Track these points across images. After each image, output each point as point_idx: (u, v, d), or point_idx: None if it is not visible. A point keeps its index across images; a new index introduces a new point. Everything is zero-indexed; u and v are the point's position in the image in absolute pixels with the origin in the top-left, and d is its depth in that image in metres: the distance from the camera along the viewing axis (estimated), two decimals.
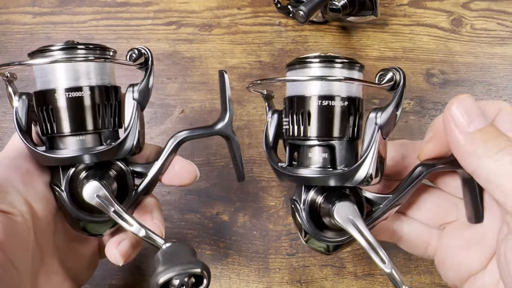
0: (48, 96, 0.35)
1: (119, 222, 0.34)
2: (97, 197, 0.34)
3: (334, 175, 0.35)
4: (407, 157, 0.38)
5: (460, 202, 0.38)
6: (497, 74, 0.57)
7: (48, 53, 0.36)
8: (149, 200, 0.40)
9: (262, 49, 0.58)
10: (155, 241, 0.33)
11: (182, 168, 0.39)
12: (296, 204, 0.37)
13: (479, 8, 0.60)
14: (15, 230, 0.33)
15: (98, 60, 0.36)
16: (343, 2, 0.54)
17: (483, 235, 0.36)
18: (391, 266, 0.32)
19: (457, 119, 0.32)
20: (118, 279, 0.51)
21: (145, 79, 0.38)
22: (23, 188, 0.35)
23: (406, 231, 0.39)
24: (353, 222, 0.34)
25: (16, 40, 0.58)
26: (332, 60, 0.35)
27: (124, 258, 0.37)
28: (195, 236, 0.52)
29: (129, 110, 0.38)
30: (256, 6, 0.60)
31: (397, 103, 0.34)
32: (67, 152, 0.36)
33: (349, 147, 0.36)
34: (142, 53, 0.38)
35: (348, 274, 0.51)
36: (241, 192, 0.54)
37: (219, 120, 0.40)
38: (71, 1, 0.60)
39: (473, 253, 0.36)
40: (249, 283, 0.51)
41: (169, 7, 0.60)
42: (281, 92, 0.40)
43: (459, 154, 0.32)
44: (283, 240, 0.52)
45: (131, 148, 0.37)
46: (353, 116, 0.35)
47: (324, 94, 0.35)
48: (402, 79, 0.34)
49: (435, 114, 0.56)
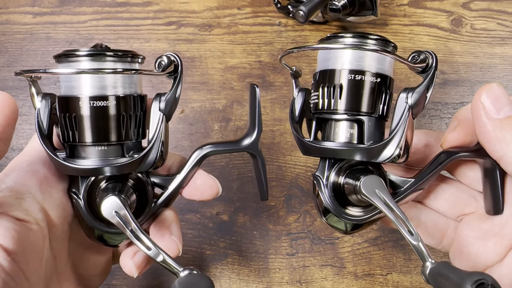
0: (71, 103, 0.34)
1: (136, 243, 0.32)
2: (115, 213, 0.33)
3: (361, 150, 0.34)
4: (430, 145, 0.38)
5: (479, 195, 0.38)
6: (497, 74, 0.57)
7: (75, 59, 0.34)
8: (168, 213, 0.38)
9: (262, 49, 0.58)
10: (172, 267, 0.32)
11: (204, 184, 0.38)
12: (319, 180, 0.36)
13: (479, 8, 0.60)
14: (29, 239, 0.32)
15: (126, 72, 0.35)
16: (343, 2, 0.54)
17: (501, 227, 0.36)
18: (418, 239, 0.32)
19: (487, 106, 0.32)
20: (118, 279, 0.51)
21: (173, 89, 0.36)
22: (40, 195, 0.34)
23: (423, 219, 0.39)
24: (380, 195, 0.33)
25: (16, 40, 0.58)
26: (365, 36, 0.35)
27: (139, 270, 0.37)
28: (195, 236, 0.52)
29: (154, 121, 0.36)
30: (256, 6, 0.60)
31: (427, 85, 0.35)
32: (88, 163, 0.34)
33: (378, 125, 0.35)
34: (172, 60, 0.36)
35: (348, 274, 0.51)
36: (241, 192, 0.54)
37: (246, 135, 0.38)
38: (71, 1, 0.60)
39: (490, 244, 0.36)
40: (249, 283, 0.51)
41: (169, 7, 0.59)
42: (282, 91, 0.40)
43: (486, 141, 0.33)
44: (283, 240, 0.52)
45: (154, 161, 0.35)
46: (384, 94, 0.35)
47: (356, 69, 0.34)
48: (434, 62, 0.35)
49: (435, 114, 0.56)
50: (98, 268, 0.41)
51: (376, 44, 0.35)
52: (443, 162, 0.36)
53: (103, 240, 0.37)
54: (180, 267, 0.31)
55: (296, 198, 0.54)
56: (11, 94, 0.57)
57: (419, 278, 0.51)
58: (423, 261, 0.31)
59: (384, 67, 0.35)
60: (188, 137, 0.55)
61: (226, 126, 0.55)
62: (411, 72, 0.57)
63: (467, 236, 0.37)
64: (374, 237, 0.52)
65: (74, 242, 0.38)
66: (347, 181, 0.36)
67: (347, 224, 0.37)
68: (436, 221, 0.39)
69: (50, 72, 0.34)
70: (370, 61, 0.35)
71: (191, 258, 0.52)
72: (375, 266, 0.52)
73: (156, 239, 0.36)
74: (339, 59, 0.35)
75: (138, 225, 0.33)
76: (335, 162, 0.36)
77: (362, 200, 0.35)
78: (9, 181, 0.34)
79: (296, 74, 0.40)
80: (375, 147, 0.34)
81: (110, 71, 0.34)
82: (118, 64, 0.35)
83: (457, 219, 0.38)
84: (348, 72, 0.34)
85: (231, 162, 0.54)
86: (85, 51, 0.34)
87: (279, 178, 0.54)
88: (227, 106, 0.56)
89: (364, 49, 0.34)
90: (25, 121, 0.56)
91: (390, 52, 0.35)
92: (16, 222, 0.32)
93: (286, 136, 0.55)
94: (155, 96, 0.36)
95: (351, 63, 0.35)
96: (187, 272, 0.31)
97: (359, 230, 0.37)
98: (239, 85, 0.57)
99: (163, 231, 0.37)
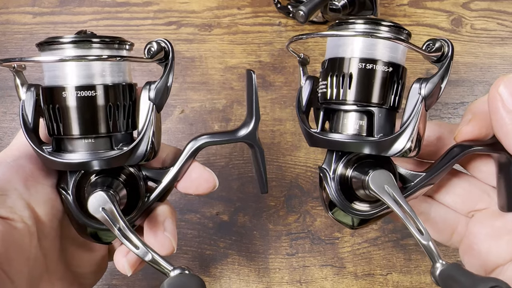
0: (56, 94, 0.32)
1: (124, 242, 0.31)
2: (102, 210, 0.31)
3: (371, 142, 0.32)
4: (442, 138, 0.37)
5: (492, 190, 0.36)
6: (497, 74, 0.57)
7: (57, 46, 0.32)
8: (162, 208, 0.36)
9: (262, 49, 0.58)
10: (162, 267, 0.30)
11: (200, 177, 0.36)
12: (325, 173, 0.35)
13: (479, 8, 0.60)
14: (14, 238, 0.31)
15: (112, 59, 0.33)
16: (343, 2, 0.54)
17: None
18: (428, 238, 0.30)
19: (505, 98, 0.31)
20: (118, 279, 0.51)
21: (163, 77, 0.34)
22: (26, 191, 0.33)
23: (432, 214, 0.38)
24: (389, 191, 0.32)
25: (16, 40, 0.58)
26: (378, 23, 0.33)
27: (133, 269, 0.35)
28: (195, 236, 0.52)
29: (144, 111, 0.34)
30: (256, 6, 0.60)
31: (442, 75, 0.33)
32: (75, 157, 0.33)
33: (388, 117, 0.34)
34: (162, 46, 0.34)
35: (348, 274, 0.51)
36: (241, 192, 0.54)
37: (243, 125, 0.36)
38: (71, 1, 0.60)
39: (503, 242, 0.35)
40: (249, 283, 0.51)
41: (169, 7, 0.59)
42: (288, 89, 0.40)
43: (504, 134, 0.32)
44: (283, 240, 0.52)
45: (144, 154, 0.34)
46: (396, 84, 0.33)
47: (367, 57, 0.33)
48: (450, 50, 0.33)
49: (435, 114, 0.56)
50: (92, 266, 0.39)
51: (389, 31, 0.33)
52: (456, 156, 0.34)
53: (95, 237, 0.35)
54: (170, 266, 0.30)
55: (296, 198, 0.54)
56: (11, 94, 0.58)
57: (419, 278, 0.51)
58: (433, 261, 0.29)
59: (397, 56, 0.33)
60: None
61: (226, 126, 0.55)
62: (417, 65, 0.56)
63: (479, 233, 0.36)
64: (374, 237, 0.52)
65: (66, 239, 0.36)
66: (355, 175, 0.34)
67: (354, 218, 0.35)
68: (446, 217, 0.37)
69: (30, 60, 0.32)
70: (383, 49, 0.33)
71: (191, 258, 0.52)
72: (375, 266, 0.52)
73: (149, 236, 0.35)
74: (350, 46, 0.33)
75: (125, 222, 0.31)
76: (342, 155, 0.35)
77: (370, 195, 0.34)
78: None
79: (304, 62, 0.38)
80: (385, 140, 0.32)
81: (94, 58, 0.32)
82: (104, 51, 0.33)
83: (468, 215, 0.37)
84: (359, 60, 0.33)
85: (231, 162, 0.54)
86: (69, 37, 0.32)
87: (279, 178, 0.54)
88: (227, 106, 0.56)
89: (376, 37, 0.32)
90: None
91: (404, 40, 0.33)
92: None
93: (286, 136, 0.55)
94: (144, 84, 0.35)
95: (362, 51, 0.33)
96: (178, 272, 0.29)
97: (366, 225, 0.36)
98: (239, 85, 0.57)
99: (156, 227, 0.35)
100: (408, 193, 0.35)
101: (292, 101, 0.56)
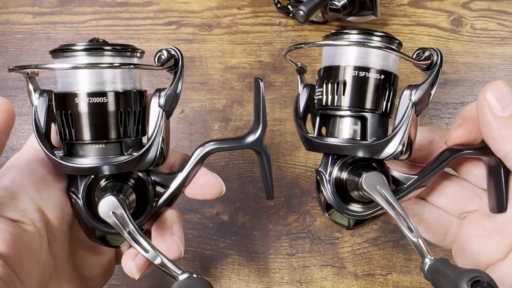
0: (68, 100, 0.33)
1: (133, 245, 0.31)
2: (112, 214, 0.32)
3: (364, 146, 0.34)
4: (434, 142, 0.38)
5: (483, 192, 0.38)
6: (497, 74, 0.57)
7: (71, 54, 0.33)
8: (170, 213, 0.37)
9: (262, 49, 0.58)
10: (171, 270, 0.31)
11: (207, 183, 0.37)
12: (322, 175, 0.36)
13: (479, 8, 0.60)
14: (24, 240, 0.32)
15: (124, 67, 0.34)
16: (343, 2, 0.54)
17: (505, 225, 0.36)
18: (418, 235, 0.32)
19: (492, 103, 0.32)
20: (118, 279, 0.51)
21: (173, 84, 0.35)
22: (37, 195, 0.33)
23: (426, 216, 0.39)
24: (381, 191, 0.34)
25: (16, 40, 0.58)
26: (370, 33, 0.35)
27: (140, 272, 0.36)
28: (195, 236, 0.52)
29: (154, 118, 0.35)
30: (256, 6, 0.60)
31: (432, 82, 0.35)
32: (86, 161, 0.34)
33: (381, 122, 0.36)
34: (172, 54, 0.35)
35: (348, 274, 0.51)
36: (241, 192, 0.54)
37: (250, 132, 0.37)
38: (71, 1, 0.60)
39: (493, 242, 0.36)
40: (249, 283, 0.51)
41: (169, 7, 0.59)
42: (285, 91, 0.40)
43: (491, 138, 0.33)
44: (283, 240, 0.52)
45: (154, 159, 0.34)
46: (388, 90, 0.35)
47: (360, 65, 0.35)
48: (439, 59, 0.35)
49: (435, 114, 0.56)
50: (100, 269, 0.40)
51: (381, 41, 0.35)
52: (446, 159, 0.36)
53: (104, 241, 0.36)
54: (179, 269, 0.30)
55: (296, 198, 0.54)
56: (11, 94, 0.58)
57: (419, 278, 0.51)
58: (422, 257, 0.31)
59: (388, 64, 0.35)
60: (188, 137, 0.55)
61: (226, 126, 0.55)
62: (411, 72, 0.57)
63: (470, 234, 0.37)
64: (374, 237, 0.52)
65: (75, 242, 0.37)
66: (350, 177, 0.36)
67: (349, 219, 0.37)
68: (439, 218, 0.39)
69: (44, 68, 0.33)
70: (375, 58, 0.35)
71: (191, 258, 0.52)
72: (375, 266, 0.52)
73: (157, 240, 0.36)
74: (344, 55, 0.35)
75: (135, 226, 0.32)
76: (338, 158, 0.36)
77: (364, 196, 0.35)
78: (5, 180, 0.33)
79: (301, 70, 0.40)
80: (378, 144, 0.34)
81: (107, 66, 0.33)
82: (116, 58, 0.34)
83: (460, 216, 0.38)
84: (353, 68, 0.35)
85: (231, 162, 0.54)
86: (82, 45, 0.33)
87: (279, 178, 0.54)
88: (227, 106, 0.56)
89: (368, 46, 0.34)
90: (25, 121, 0.56)
91: (395, 49, 0.35)
92: (10, 223, 0.31)
93: (286, 136, 0.55)
94: (154, 91, 0.35)
95: (355, 59, 0.35)
96: (186, 276, 0.30)
97: (362, 225, 0.38)
98: (239, 85, 0.57)
99: (164, 231, 0.36)
100: (401, 195, 0.36)
101: (292, 101, 0.55)
